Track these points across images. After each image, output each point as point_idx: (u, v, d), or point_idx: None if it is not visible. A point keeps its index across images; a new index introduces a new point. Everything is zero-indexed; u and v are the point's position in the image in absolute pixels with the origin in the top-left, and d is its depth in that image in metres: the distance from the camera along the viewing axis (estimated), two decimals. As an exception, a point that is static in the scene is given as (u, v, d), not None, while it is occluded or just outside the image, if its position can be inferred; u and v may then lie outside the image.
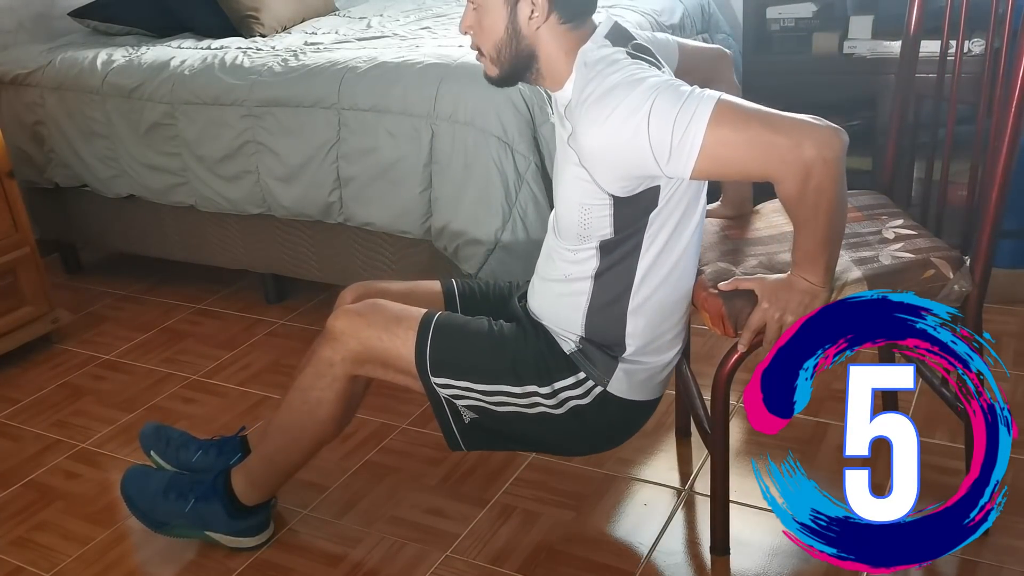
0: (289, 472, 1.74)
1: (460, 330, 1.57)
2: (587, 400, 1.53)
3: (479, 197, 2.20)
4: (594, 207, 1.43)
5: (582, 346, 1.53)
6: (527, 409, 1.55)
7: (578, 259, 1.50)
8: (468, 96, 2.20)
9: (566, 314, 1.54)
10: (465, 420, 1.59)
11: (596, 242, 1.46)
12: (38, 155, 2.97)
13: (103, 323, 2.85)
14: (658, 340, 1.53)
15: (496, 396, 1.54)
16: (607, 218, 1.43)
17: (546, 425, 1.56)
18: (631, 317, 1.50)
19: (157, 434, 1.93)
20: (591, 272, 1.49)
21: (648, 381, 1.56)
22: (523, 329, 1.58)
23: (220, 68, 2.60)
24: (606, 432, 1.62)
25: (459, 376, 1.54)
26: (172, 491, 1.75)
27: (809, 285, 1.40)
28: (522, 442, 1.66)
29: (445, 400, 1.57)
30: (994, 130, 1.47)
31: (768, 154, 1.29)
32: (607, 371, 1.52)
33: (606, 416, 1.56)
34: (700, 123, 1.28)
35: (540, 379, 1.53)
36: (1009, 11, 1.55)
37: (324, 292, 2.84)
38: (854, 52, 2.67)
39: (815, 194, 1.31)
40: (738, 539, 1.67)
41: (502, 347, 1.54)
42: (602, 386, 1.53)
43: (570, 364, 1.53)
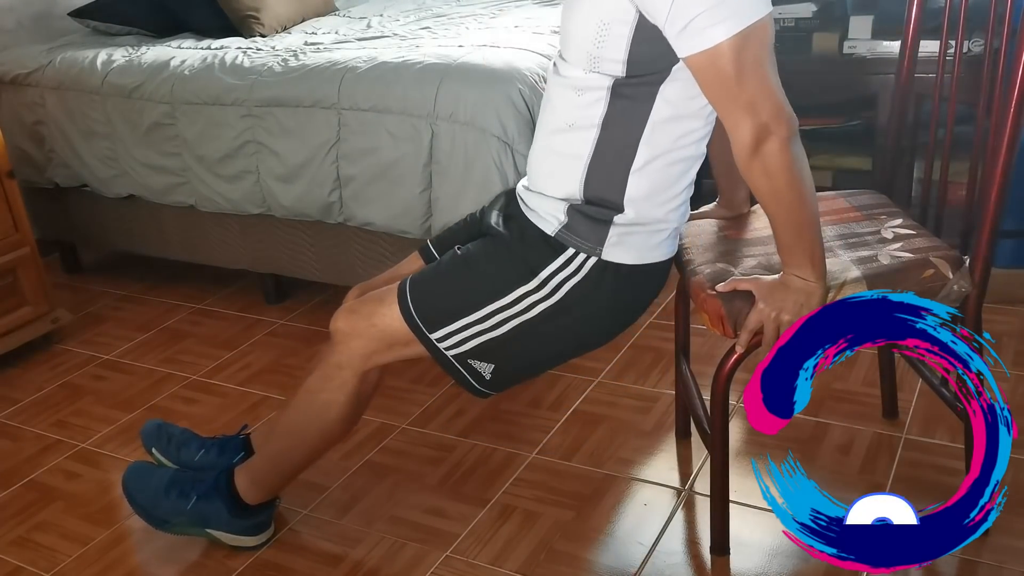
0: (293, 473, 1.74)
1: (430, 277, 1.56)
2: (581, 275, 1.46)
3: (479, 197, 2.20)
4: (614, 24, 1.33)
5: (568, 219, 1.45)
6: (526, 314, 1.49)
7: (584, 102, 1.41)
8: (468, 96, 2.20)
9: (565, 170, 1.45)
10: (486, 376, 1.55)
11: (607, 81, 1.37)
12: (38, 155, 2.97)
13: (103, 323, 2.85)
14: (659, 207, 1.46)
15: (492, 318, 1.50)
16: (624, 40, 1.33)
17: (552, 322, 1.49)
18: (633, 176, 1.42)
19: (159, 432, 1.93)
20: (598, 119, 1.40)
21: (646, 243, 1.47)
22: (493, 239, 1.53)
23: (220, 68, 2.60)
24: (616, 306, 1.52)
25: (450, 318, 1.51)
26: (174, 489, 1.75)
27: (803, 283, 1.40)
28: (543, 356, 1.59)
29: (455, 359, 1.54)
30: (994, 130, 1.47)
31: (730, 101, 1.30)
32: (598, 239, 1.44)
33: (608, 288, 1.48)
34: (726, 30, 1.26)
35: (523, 277, 1.47)
36: (1009, 11, 1.55)
37: (324, 292, 2.84)
38: (854, 52, 2.66)
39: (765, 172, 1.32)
40: (738, 539, 1.67)
41: (474, 267, 1.51)
42: (595, 256, 1.45)
43: (554, 246, 1.46)
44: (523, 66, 2.25)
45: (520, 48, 2.38)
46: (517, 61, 2.27)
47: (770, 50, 1.31)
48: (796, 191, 1.34)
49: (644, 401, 2.16)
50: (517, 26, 2.68)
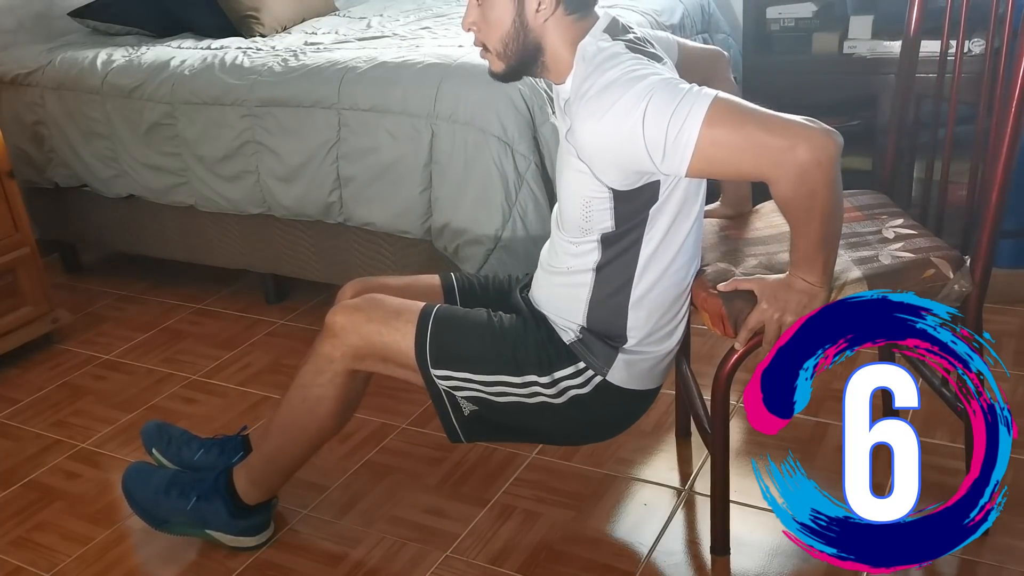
0: (290, 470, 1.74)
1: (460, 321, 1.57)
2: (587, 389, 1.54)
3: (479, 197, 2.20)
4: (595, 200, 1.43)
5: (583, 336, 1.53)
6: (527, 399, 1.55)
7: (580, 252, 1.51)
8: (468, 96, 2.20)
9: (568, 305, 1.54)
10: (465, 412, 1.59)
11: (598, 235, 1.47)
12: (38, 155, 2.97)
13: (103, 323, 2.85)
14: (659, 331, 1.54)
15: (496, 387, 1.54)
16: (608, 211, 1.44)
17: (546, 415, 1.56)
18: (632, 309, 1.50)
19: (159, 432, 1.93)
20: (592, 265, 1.50)
21: (648, 371, 1.56)
22: (523, 320, 1.58)
23: (220, 68, 2.60)
24: (606, 421, 1.62)
25: (459, 368, 1.54)
26: (174, 489, 1.75)
27: (808, 285, 1.40)
28: (522, 433, 1.66)
29: (444, 392, 1.57)
30: (994, 130, 1.47)
31: (762, 155, 1.29)
32: (607, 361, 1.52)
33: (606, 405, 1.56)
34: (695, 122, 1.28)
35: (540, 369, 1.53)
36: (1009, 11, 1.55)
37: (324, 292, 2.84)
38: (854, 52, 2.67)
39: (809, 196, 1.31)
40: (738, 539, 1.67)
41: (502, 338, 1.55)
42: (602, 375, 1.53)
43: (570, 354, 1.53)
44: (523, 66, 2.25)
45: (520, 48, 2.38)
46: (517, 61, 2.27)
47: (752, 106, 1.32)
48: (835, 207, 1.34)
49: (644, 401, 2.16)
50: (517, 26, 2.68)
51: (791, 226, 1.38)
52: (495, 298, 1.71)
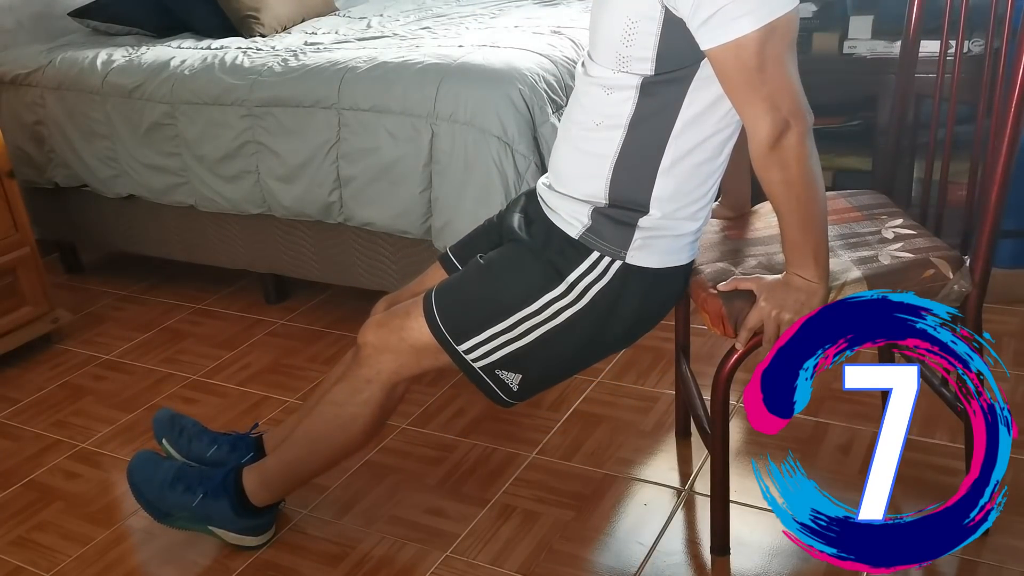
0: (307, 479, 1.74)
1: (456, 287, 1.56)
2: (607, 279, 1.46)
3: (479, 197, 2.20)
4: (642, 21, 1.33)
5: (592, 221, 1.45)
6: (553, 321, 1.48)
7: (613, 101, 1.40)
8: (468, 96, 2.20)
9: (591, 170, 1.45)
10: (514, 388, 1.55)
11: (636, 79, 1.37)
12: (38, 155, 2.97)
13: (103, 323, 2.85)
14: (684, 208, 1.45)
15: (519, 326, 1.49)
16: (653, 38, 1.33)
17: (578, 328, 1.49)
18: (661, 177, 1.42)
19: (171, 422, 1.92)
20: (626, 118, 1.40)
21: (670, 246, 1.47)
22: (516, 245, 1.53)
23: (220, 68, 2.61)
24: (640, 308, 1.51)
25: (477, 329, 1.51)
26: (180, 483, 1.74)
27: (805, 283, 1.40)
28: (569, 362, 1.57)
29: (482, 371, 1.53)
30: (994, 130, 1.47)
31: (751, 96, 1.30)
32: (623, 243, 1.45)
33: (633, 292, 1.48)
34: (747, 24, 1.25)
35: (550, 283, 1.47)
36: (1009, 11, 1.55)
37: (324, 292, 2.84)
38: (854, 52, 2.66)
39: (781, 165, 1.32)
40: (738, 539, 1.67)
41: (500, 276, 1.51)
42: (620, 259, 1.45)
43: (579, 249, 1.46)
44: (523, 66, 2.25)
45: (520, 48, 2.38)
46: (517, 61, 2.27)
47: (792, 44, 1.31)
48: (808, 185, 1.34)
49: (644, 401, 2.16)
50: (517, 26, 2.68)
51: (774, 209, 1.39)
52: (490, 242, 1.66)
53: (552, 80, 2.28)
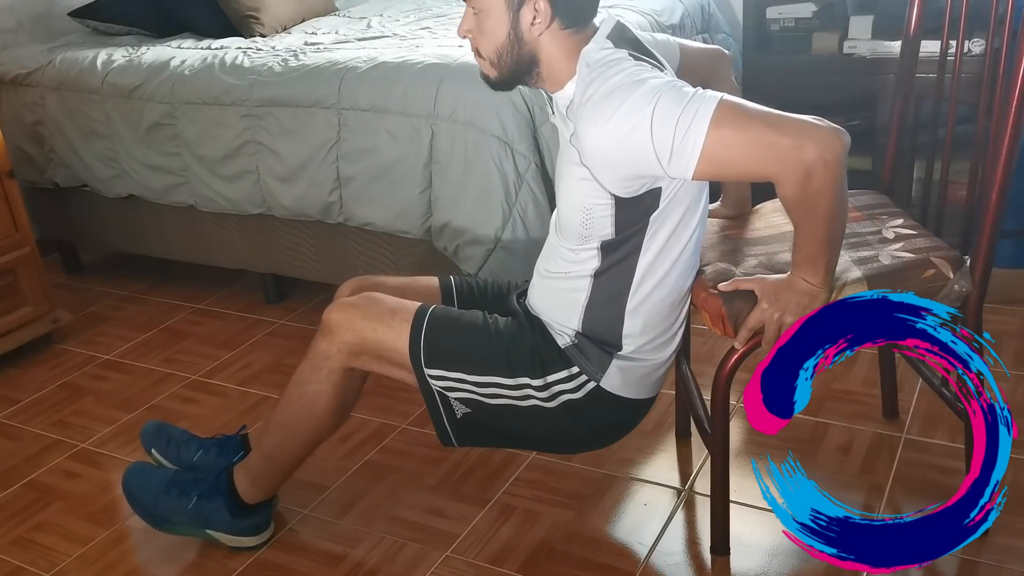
0: (289, 468, 1.74)
1: (455, 322, 1.57)
2: (580, 394, 1.53)
3: (479, 197, 2.20)
4: (596, 207, 1.43)
5: (577, 340, 1.53)
6: (519, 402, 1.55)
7: (579, 259, 1.51)
8: (468, 96, 2.20)
9: (564, 310, 1.54)
10: (458, 415, 1.59)
11: (597, 242, 1.47)
12: (38, 155, 2.97)
13: (103, 323, 2.85)
14: (655, 340, 1.54)
15: (489, 388, 1.54)
16: (608, 219, 1.43)
17: (538, 419, 1.56)
18: (629, 317, 1.50)
19: (158, 432, 1.93)
20: (591, 271, 1.50)
21: (643, 379, 1.56)
22: (518, 323, 1.58)
23: (220, 68, 2.60)
24: (598, 429, 1.61)
25: (453, 367, 1.54)
26: (174, 489, 1.75)
27: (809, 286, 1.40)
28: (514, 438, 1.66)
29: (437, 393, 1.57)
30: (994, 130, 1.47)
31: (768, 155, 1.29)
32: (601, 366, 1.52)
33: (599, 412, 1.56)
34: (702, 124, 1.29)
35: (533, 371, 1.53)
36: (1009, 11, 1.55)
37: (324, 292, 2.84)
38: (854, 52, 2.67)
39: (815, 197, 1.30)
40: (738, 539, 1.67)
41: (496, 339, 1.55)
42: (595, 381, 1.52)
43: (564, 358, 1.53)
44: (523, 66, 2.25)
45: (520, 48, 2.38)
46: (517, 61, 2.27)
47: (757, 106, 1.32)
48: (840, 207, 1.34)
49: (644, 401, 2.16)
50: (517, 26, 2.68)
51: (795, 226, 1.38)
52: (493, 302, 1.71)
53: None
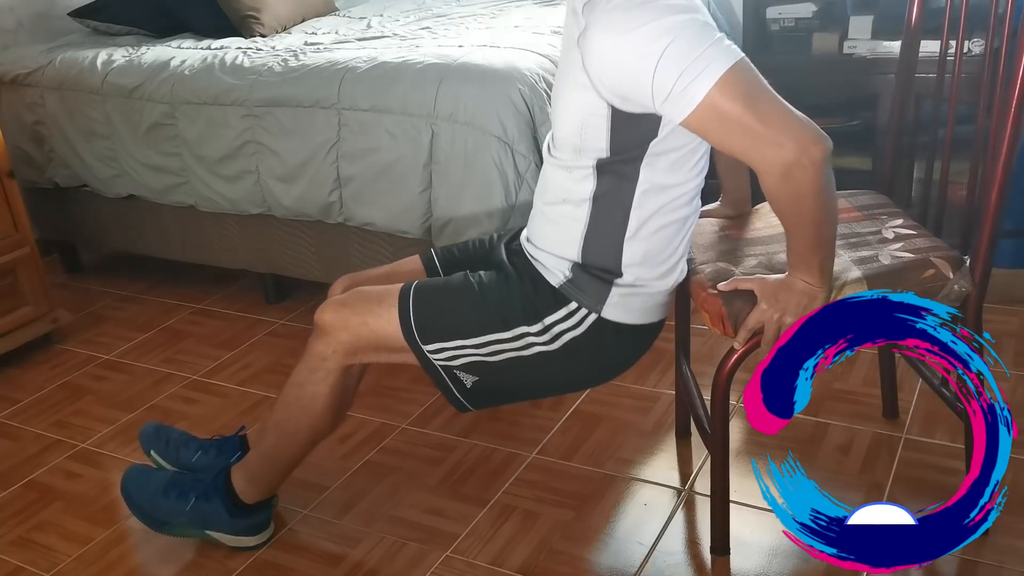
0: (287, 468, 1.74)
1: (439, 291, 1.56)
2: (581, 330, 1.50)
3: (479, 197, 2.20)
4: (592, 118, 1.38)
5: (573, 275, 1.50)
6: (522, 352, 1.52)
7: (575, 179, 1.46)
8: (468, 96, 2.20)
9: (563, 238, 1.50)
10: (467, 385, 1.57)
11: (592, 160, 1.42)
12: (38, 155, 2.97)
13: (103, 323, 2.85)
14: (656, 268, 1.50)
15: (488, 347, 1.52)
16: (604, 131, 1.39)
17: (545, 365, 1.53)
18: (628, 244, 1.47)
19: (157, 434, 1.94)
20: (588, 194, 1.46)
21: (645, 306, 1.52)
22: (504, 274, 1.56)
23: (220, 68, 2.61)
24: (608, 361, 1.58)
25: (448, 337, 1.53)
26: (173, 490, 1.75)
27: (807, 286, 1.40)
28: (525, 390, 1.63)
29: (442, 368, 1.56)
30: (994, 130, 1.47)
31: (749, 142, 1.29)
32: (600, 297, 1.49)
33: (604, 344, 1.52)
34: (708, 81, 1.26)
35: (528, 319, 1.50)
36: (1009, 11, 1.55)
37: (324, 292, 2.83)
38: (854, 52, 2.66)
39: (795, 197, 1.30)
40: (738, 539, 1.67)
41: (483, 296, 1.53)
42: (596, 313, 1.49)
43: (559, 297, 1.50)
44: (523, 66, 2.25)
45: (520, 48, 2.38)
46: (517, 61, 2.27)
47: (764, 84, 1.31)
48: (825, 212, 1.33)
49: (644, 401, 2.16)
50: (517, 26, 2.68)
51: (784, 228, 1.38)
52: (478, 260, 1.69)
53: (552, 80, 2.28)
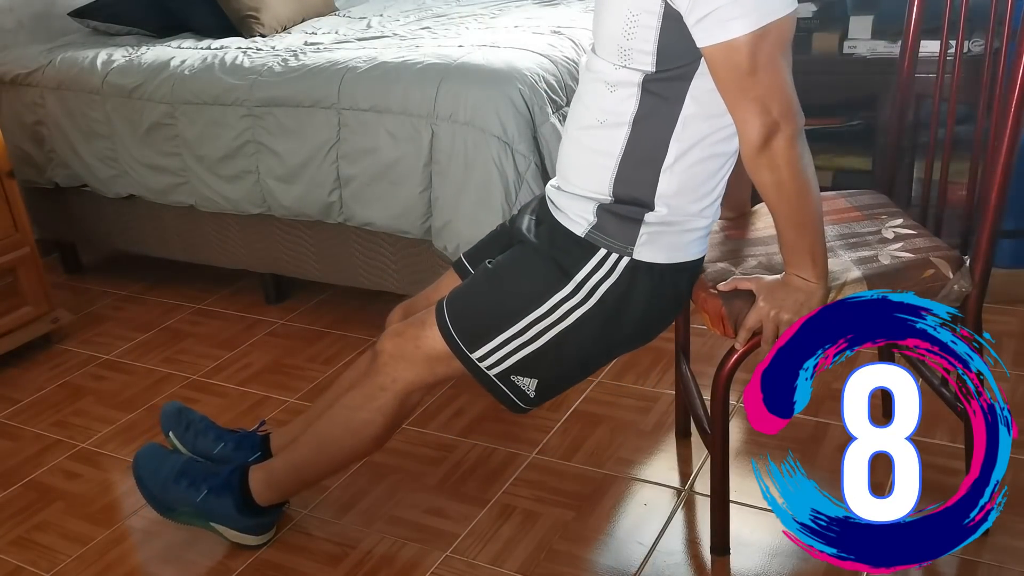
0: (313, 481, 1.75)
1: (466, 293, 1.56)
2: (614, 276, 1.45)
3: (479, 197, 2.20)
4: (643, 15, 1.33)
5: (598, 217, 1.45)
6: (564, 321, 1.47)
7: (616, 99, 1.40)
8: (468, 96, 2.20)
9: (596, 168, 1.45)
10: (530, 394, 1.54)
11: (637, 76, 1.37)
12: (38, 155, 2.97)
13: (103, 323, 2.85)
14: (691, 205, 1.44)
15: (531, 329, 1.49)
16: (653, 32, 1.33)
17: (589, 327, 1.48)
18: (664, 174, 1.41)
19: (179, 416, 1.92)
20: (629, 115, 1.40)
21: (678, 241, 1.46)
22: (522, 246, 1.54)
23: (220, 68, 2.61)
24: (651, 305, 1.50)
25: (489, 335, 1.50)
26: (185, 478, 1.74)
27: (804, 283, 1.40)
28: (584, 362, 1.56)
29: (497, 378, 1.53)
30: (994, 130, 1.47)
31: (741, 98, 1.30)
32: (629, 239, 1.44)
33: (641, 288, 1.46)
34: (743, 26, 1.26)
35: (558, 283, 1.46)
36: (1009, 11, 1.55)
37: (324, 292, 2.84)
38: (854, 52, 2.66)
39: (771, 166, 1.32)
40: (738, 539, 1.67)
41: (507, 279, 1.51)
42: (628, 256, 1.44)
43: (585, 248, 1.46)
44: (523, 66, 2.25)
45: (520, 48, 2.38)
46: (517, 61, 2.27)
47: (787, 48, 1.31)
48: (801, 186, 1.34)
49: (644, 401, 2.16)
50: (517, 26, 2.68)
51: (768, 208, 1.39)
52: (502, 246, 1.66)
53: (552, 80, 2.28)
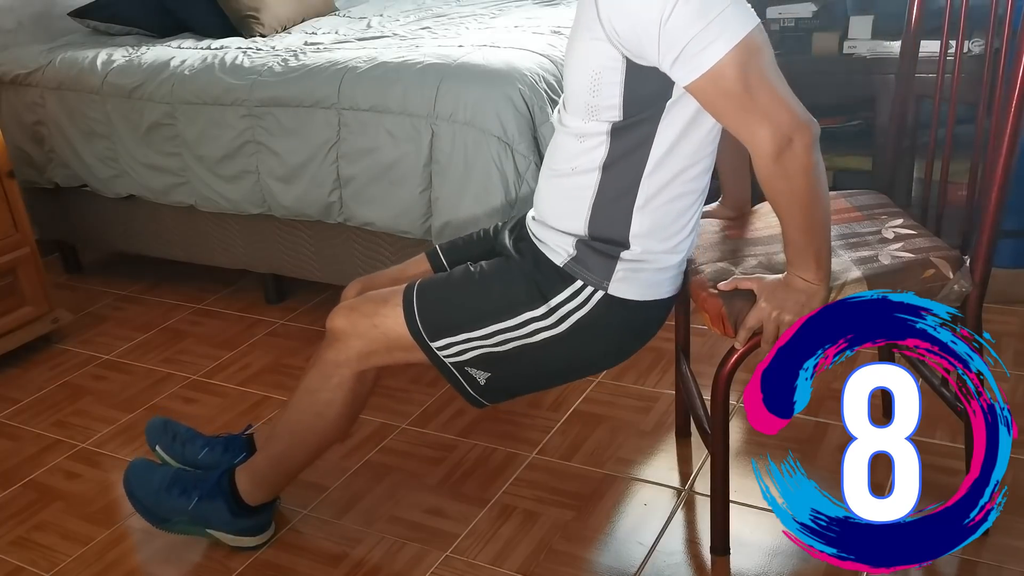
0: (294, 472, 1.74)
1: (441, 286, 1.56)
2: (588, 308, 1.48)
3: (479, 197, 2.20)
4: (605, 72, 1.36)
5: (577, 252, 1.48)
6: (529, 339, 1.51)
7: (586, 147, 1.44)
8: (468, 96, 2.20)
9: (570, 208, 1.48)
10: (480, 382, 1.57)
11: (605, 126, 1.41)
12: (38, 155, 2.97)
13: (103, 323, 2.85)
14: (664, 243, 1.48)
15: (495, 336, 1.52)
16: (617, 86, 1.36)
17: (554, 350, 1.52)
18: (637, 214, 1.45)
19: (164, 428, 1.93)
20: (599, 162, 1.43)
21: (652, 280, 1.49)
22: (507, 259, 1.55)
23: (220, 68, 2.61)
24: (618, 340, 1.56)
25: (454, 331, 1.53)
26: (175, 488, 1.75)
27: (806, 284, 1.40)
28: (539, 378, 1.62)
29: (453, 366, 1.56)
30: (994, 130, 1.47)
31: (744, 118, 1.30)
32: (605, 273, 1.47)
33: (612, 323, 1.50)
34: (717, 51, 1.26)
35: (532, 302, 1.49)
36: (1009, 11, 1.55)
37: (324, 292, 2.84)
38: (854, 52, 2.66)
39: (784, 178, 1.31)
40: (738, 539, 1.67)
41: (485, 285, 1.53)
42: (603, 290, 1.47)
43: (563, 276, 1.49)
44: (523, 66, 2.25)
45: (520, 48, 2.38)
46: (517, 61, 2.27)
47: (770, 60, 1.31)
48: (814, 194, 1.34)
49: (644, 401, 2.16)
50: (517, 26, 2.68)
51: (776, 214, 1.39)
52: (482, 251, 1.69)
53: (552, 80, 2.28)
